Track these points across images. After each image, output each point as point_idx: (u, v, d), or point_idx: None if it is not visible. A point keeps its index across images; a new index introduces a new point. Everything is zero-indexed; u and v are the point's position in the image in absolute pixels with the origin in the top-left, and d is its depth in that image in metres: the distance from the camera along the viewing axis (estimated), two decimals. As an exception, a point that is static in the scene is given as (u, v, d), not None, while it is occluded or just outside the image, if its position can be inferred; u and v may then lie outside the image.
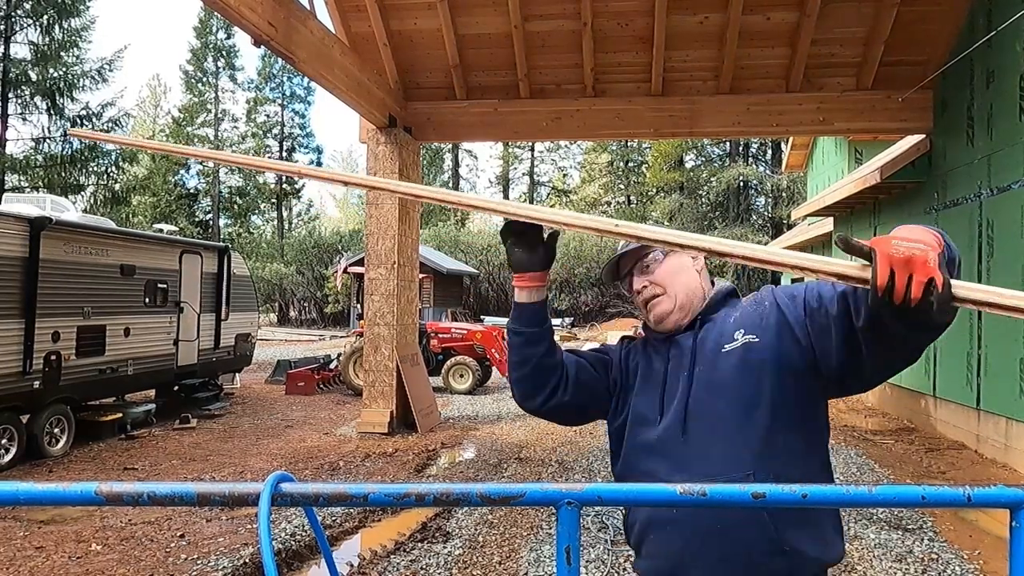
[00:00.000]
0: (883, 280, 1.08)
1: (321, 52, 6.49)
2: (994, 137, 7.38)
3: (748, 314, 1.61)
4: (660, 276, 1.67)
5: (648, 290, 1.67)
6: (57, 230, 7.58)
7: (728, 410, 1.51)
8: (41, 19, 23.13)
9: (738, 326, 1.60)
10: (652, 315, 1.67)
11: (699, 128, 8.63)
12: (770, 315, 1.57)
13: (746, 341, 1.55)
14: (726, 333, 1.60)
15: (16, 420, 7.13)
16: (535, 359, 1.64)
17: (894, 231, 1.15)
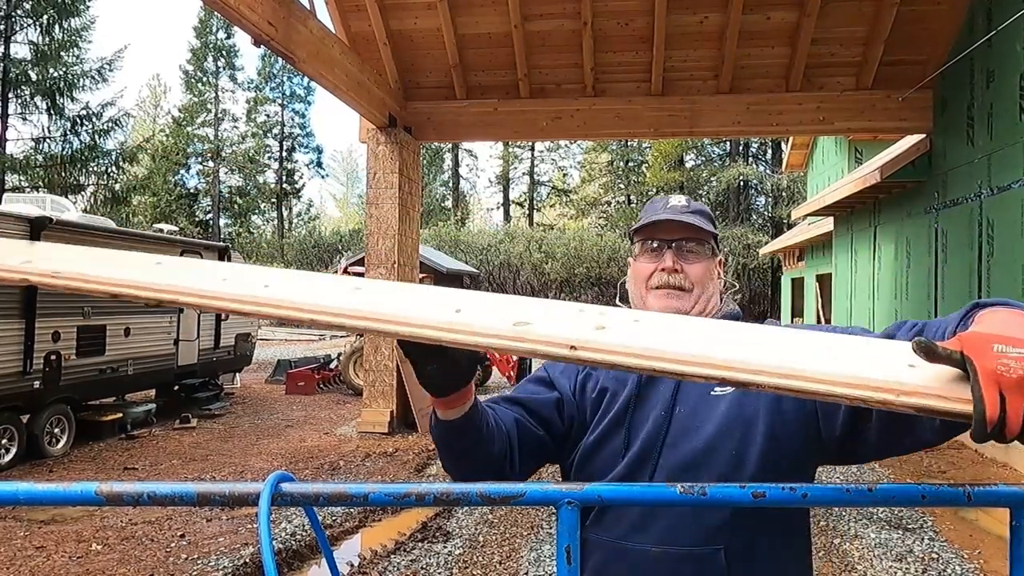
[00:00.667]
0: (993, 414, 0.77)
1: (321, 52, 6.48)
2: (994, 136, 7.37)
3: None
4: (695, 271, 1.42)
5: (676, 277, 1.39)
6: (57, 230, 7.58)
7: (705, 472, 1.25)
8: (41, 19, 23.13)
9: None
10: (661, 305, 1.39)
11: (699, 128, 8.63)
12: None
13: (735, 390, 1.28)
14: None
15: (16, 420, 7.13)
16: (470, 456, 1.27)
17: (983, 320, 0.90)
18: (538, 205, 46.07)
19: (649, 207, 1.51)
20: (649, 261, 1.44)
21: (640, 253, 1.47)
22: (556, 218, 44.79)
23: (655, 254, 1.43)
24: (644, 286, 1.43)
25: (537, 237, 32.99)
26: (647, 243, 1.45)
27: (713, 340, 0.87)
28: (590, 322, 0.91)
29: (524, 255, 31.08)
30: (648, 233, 1.45)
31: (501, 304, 0.96)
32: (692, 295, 1.40)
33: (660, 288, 1.40)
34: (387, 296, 0.98)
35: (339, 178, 60.69)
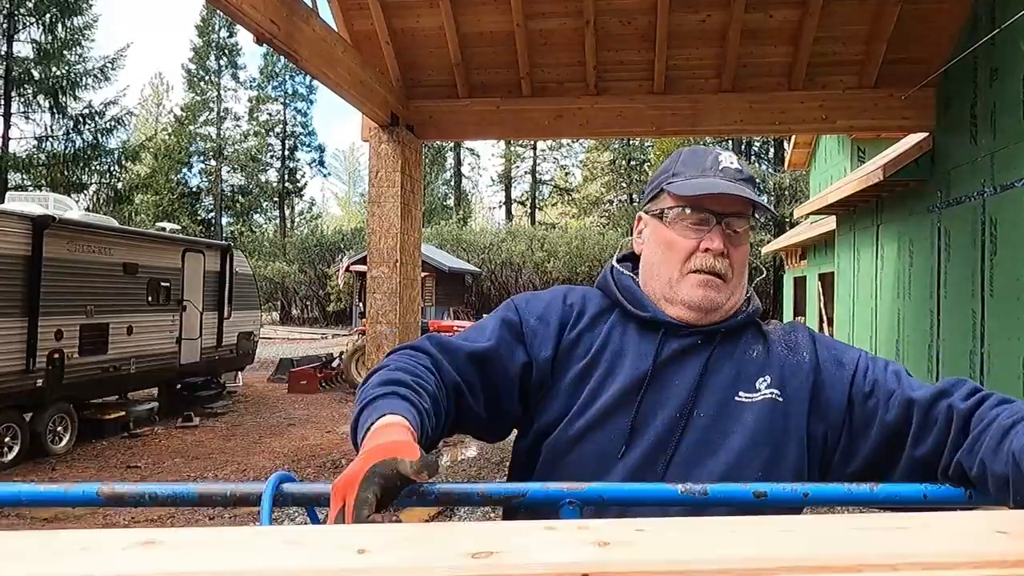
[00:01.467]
0: None
1: (323, 50, 6.48)
2: (997, 135, 7.35)
3: (778, 357, 1.16)
4: (739, 258, 1.20)
5: (721, 262, 1.15)
6: (60, 229, 7.59)
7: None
8: (44, 17, 23.18)
9: (762, 370, 1.14)
10: (700, 295, 1.14)
11: (702, 126, 8.61)
12: (805, 373, 1.14)
13: (769, 396, 1.12)
14: (745, 374, 1.13)
15: (19, 418, 7.15)
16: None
17: None
18: (540, 204, 46.07)
19: (691, 160, 1.21)
20: (689, 234, 1.16)
21: (677, 220, 1.17)
22: (558, 217, 44.77)
23: (698, 227, 1.16)
24: (679, 267, 1.16)
25: (539, 236, 32.98)
26: (691, 212, 1.16)
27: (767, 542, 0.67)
28: (588, 538, 0.67)
29: (526, 254, 31.08)
30: (695, 200, 1.15)
31: (438, 532, 0.69)
32: (730, 286, 1.17)
33: (700, 273, 1.15)
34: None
35: (341, 177, 60.77)
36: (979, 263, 7.69)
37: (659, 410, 1.10)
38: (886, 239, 10.78)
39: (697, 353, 1.14)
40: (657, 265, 1.20)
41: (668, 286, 1.17)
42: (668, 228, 1.18)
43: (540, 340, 1.17)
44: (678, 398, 1.11)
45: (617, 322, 1.19)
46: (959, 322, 8.13)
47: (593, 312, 1.21)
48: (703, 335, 1.16)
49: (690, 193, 1.15)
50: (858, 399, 1.11)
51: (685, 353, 1.14)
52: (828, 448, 1.11)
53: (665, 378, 1.12)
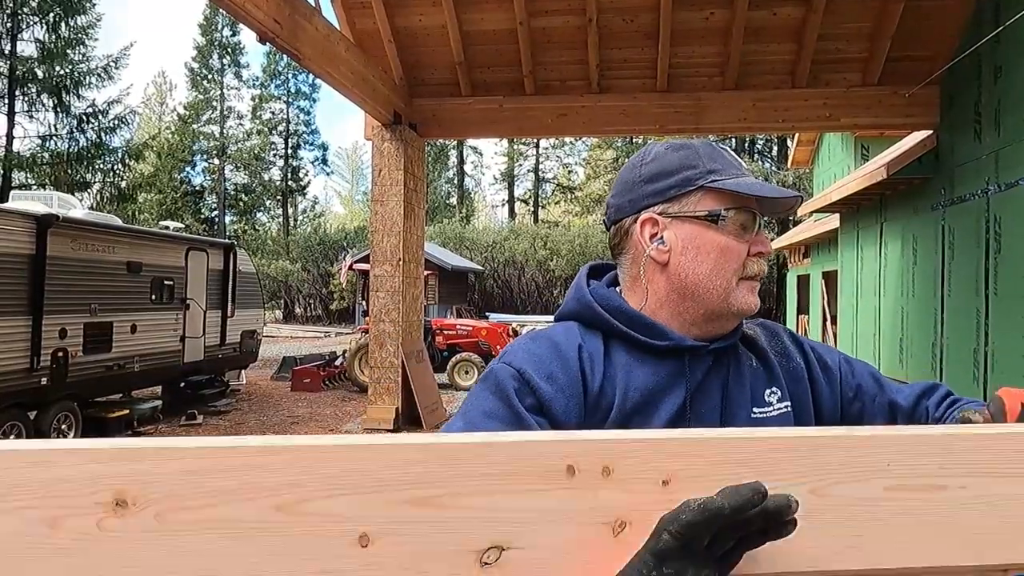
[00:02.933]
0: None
1: (326, 49, 6.49)
2: (1002, 133, 7.33)
3: (777, 366, 1.12)
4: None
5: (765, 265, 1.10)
6: (64, 227, 7.61)
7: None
8: (47, 17, 23.21)
9: (768, 383, 1.10)
10: (753, 302, 1.07)
11: (705, 124, 8.60)
12: (803, 379, 1.12)
13: (784, 411, 1.08)
14: (754, 389, 1.09)
15: (23, 417, 7.17)
16: None
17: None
18: (543, 202, 46.06)
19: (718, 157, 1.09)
20: (741, 238, 1.06)
21: (732, 223, 1.05)
22: (561, 215, 44.75)
23: (746, 229, 1.06)
24: (735, 274, 1.05)
25: (542, 234, 32.96)
26: (744, 214, 1.05)
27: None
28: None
29: (529, 252, 31.07)
30: (744, 201, 1.05)
31: None
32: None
33: (754, 279, 1.07)
34: None
35: (344, 175, 60.80)
36: (983, 261, 7.67)
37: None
38: (890, 237, 10.75)
39: (717, 374, 1.06)
40: (705, 275, 1.05)
41: (722, 297, 1.05)
42: (720, 232, 1.04)
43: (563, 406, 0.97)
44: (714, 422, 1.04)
45: (624, 356, 1.04)
46: (963, 320, 8.11)
47: (593, 350, 1.04)
48: (715, 354, 1.07)
49: (755, 194, 1.03)
50: (845, 403, 1.10)
51: (708, 377, 1.06)
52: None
53: (696, 412, 1.03)
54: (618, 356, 1.04)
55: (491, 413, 0.94)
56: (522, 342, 1.05)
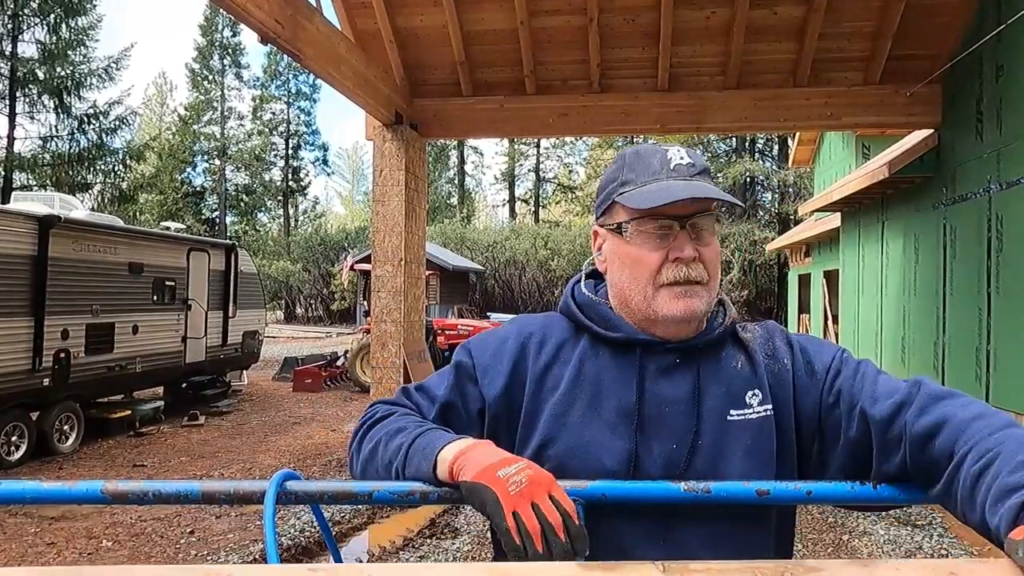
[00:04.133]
0: None
1: (327, 49, 6.49)
2: (1003, 131, 7.32)
3: (763, 367, 1.09)
4: (711, 257, 1.09)
5: (695, 268, 1.06)
6: (66, 228, 7.62)
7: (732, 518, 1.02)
8: (48, 18, 23.23)
9: (750, 383, 1.08)
10: (681, 307, 1.05)
11: (706, 123, 8.59)
12: (789, 381, 1.09)
13: (764, 414, 1.06)
14: (734, 389, 1.07)
15: (26, 417, 7.18)
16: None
17: None
18: (544, 202, 46.05)
19: (637, 165, 1.10)
20: (654, 247, 1.06)
21: (636, 234, 1.07)
22: (562, 215, 44.73)
23: (661, 237, 1.06)
24: (652, 282, 1.06)
25: (543, 234, 32.96)
26: (651, 222, 1.06)
27: None
28: None
29: (530, 252, 31.07)
30: (657, 208, 1.04)
31: None
32: (707, 290, 1.07)
33: (676, 285, 1.05)
34: None
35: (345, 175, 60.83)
36: (985, 260, 7.66)
37: (654, 443, 1.04)
38: (891, 236, 10.75)
39: (682, 373, 1.07)
40: (627, 284, 1.09)
41: (645, 305, 1.07)
42: (630, 245, 1.08)
43: (491, 377, 1.11)
44: (675, 428, 1.04)
45: (588, 348, 1.11)
46: (965, 320, 8.10)
47: (558, 340, 1.14)
48: (681, 352, 1.08)
49: (646, 205, 1.04)
50: (825, 410, 1.06)
51: (669, 374, 1.07)
52: (805, 456, 1.07)
53: (655, 406, 1.05)
54: (585, 346, 1.12)
55: (442, 372, 1.18)
56: (498, 328, 1.21)
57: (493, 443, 0.97)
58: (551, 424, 1.07)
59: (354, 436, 1.12)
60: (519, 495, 0.85)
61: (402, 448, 1.00)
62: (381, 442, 1.04)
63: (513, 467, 0.88)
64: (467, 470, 0.90)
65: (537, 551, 0.82)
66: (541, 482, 0.87)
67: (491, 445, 0.96)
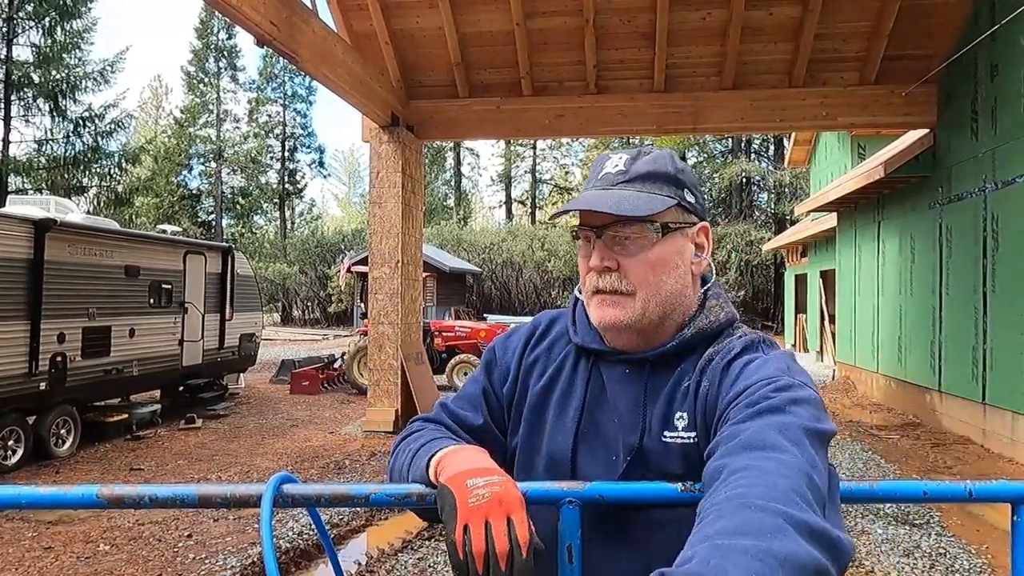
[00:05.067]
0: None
1: (323, 51, 6.48)
2: (998, 131, 7.34)
3: (693, 391, 1.02)
4: (636, 267, 1.04)
5: (608, 278, 1.05)
6: (61, 232, 7.59)
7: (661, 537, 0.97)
8: (43, 21, 23.18)
9: (683, 403, 1.02)
10: (597, 315, 1.06)
11: (703, 124, 8.61)
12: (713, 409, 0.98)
13: (687, 441, 1.00)
14: (670, 410, 1.02)
15: (22, 421, 7.15)
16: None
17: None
18: (540, 203, 46.03)
19: (591, 172, 1.12)
20: (584, 255, 1.08)
21: (582, 241, 1.09)
22: (559, 216, 44.62)
23: (588, 244, 1.08)
24: (588, 290, 1.08)
25: (540, 235, 32.95)
26: (580, 231, 1.08)
27: None
28: None
29: (527, 253, 31.06)
30: (584, 216, 1.07)
31: None
32: (636, 300, 1.03)
33: (596, 294, 1.06)
34: None
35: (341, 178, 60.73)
36: (981, 259, 7.68)
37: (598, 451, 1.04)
38: (887, 235, 10.76)
39: (630, 384, 1.05)
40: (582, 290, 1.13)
41: (589, 311, 1.09)
42: (580, 250, 1.10)
43: (506, 373, 1.18)
44: (616, 440, 1.03)
45: (571, 351, 1.15)
46: (961, 318, 8.12)
47: (555, 335, 1.18)
48: (632, 362, 1.07)
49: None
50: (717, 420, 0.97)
51: (617, 384, 1.06)
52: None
53: (601, 412, 1.06)
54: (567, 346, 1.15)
55: (473, 376, 1.22)
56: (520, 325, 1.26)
57: (487, 452, 0.96)
58: (530, 418, 1.12)
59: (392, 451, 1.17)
60: (475, 509, 0.82)
61: (412, 453, 1.04)
62: (402, 452, 1.09)
63: (483, 479, 0.85)
64: (444, 472, 0.91)
65: (477, 573, 0.79)
66: (503, 501, 0.83)
67: (479, 452, 0.95)
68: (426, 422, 1.17)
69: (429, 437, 1.07)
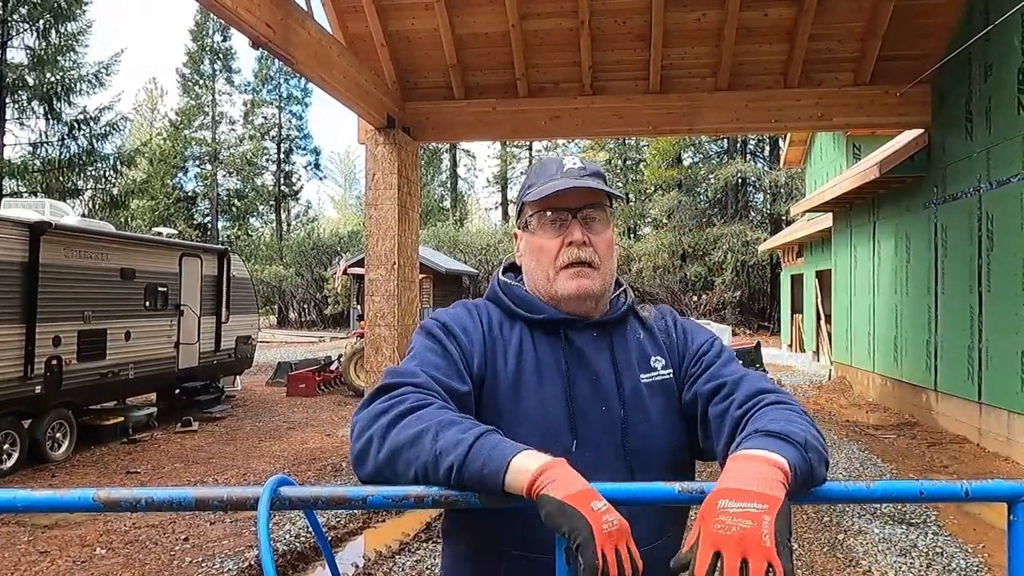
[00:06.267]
0: (702, 568, 0.84)
1: (319, 53, 6.48)
2: (993, 131, 7.37)
3: (661, 338, 1.34)
4: (602, 244, 1.29)
5: (585, 251, 1.26)
6: (57, 234, 7.57)
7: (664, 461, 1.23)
8: (37, 23, 23.11)
9: (653, 351, 1.32)
10: (574, 286, 1.25)
11: (698, 125, 8.61)
12: (675, 352, 1.33)
13: (666, 377, 1.29)
14: (640, 357, 1.30)
15: (18, 425, 7.13)
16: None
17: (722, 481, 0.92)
18: (537, 204, 46.00)
19: (539, 171, 1.34)
20: (552, 235, 1.28)
21: (539, 226, 1.30)
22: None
23: (558, 227, 1.28)
24: (552, 266, 1.27)
25: (536, 236, 32.95)
26: (547, 214, 1.28)
27: None
28: None
29: (524, 254, 31.06)
30: (548, 203, 1.28)
31: None
32: (600, 272, 1.27)
33: (570, 267, 1.26)
34: None
35: (337, 179, 60.68)
36: (976, 259, 7.70)
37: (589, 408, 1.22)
38: (883, 236, 10.79)
39: (600, 345, 1.27)
40: (534, 271, 1.31)
41: (548, 286, 1.28)
42: (535, 235, 1.30)
43: (471, 353, 1.25)
44: (603, 392, 1.23)
45: (525, 330, 1.29)
46: (957, 318, 8.14)
47: (498, 321, 1.31)
48: (597, 326, 1.29)
49: (541, 197, 1.27)
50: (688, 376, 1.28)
51: (589, 346, 1.27)
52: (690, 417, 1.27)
53: (583, 372, 1.24)
54: (522, 329, 1.29)
55: (428, 347, 1.24)
56: (446, 308, 1.36)
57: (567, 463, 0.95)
58: (509, 396, 1.21)
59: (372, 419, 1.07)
60: (610, 535, 0.87)
61: (461, 444, 0.97)
62: (428, 432, 1.00)
63: (603, 504, 0.90)
64: (556, 488, 0.89)
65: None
66: (624, 530, 0.89)
67: (568, 466, 0.94)
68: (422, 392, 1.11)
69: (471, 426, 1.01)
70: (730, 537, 0.84)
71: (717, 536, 0.84)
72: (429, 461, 0.98)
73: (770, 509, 0.85)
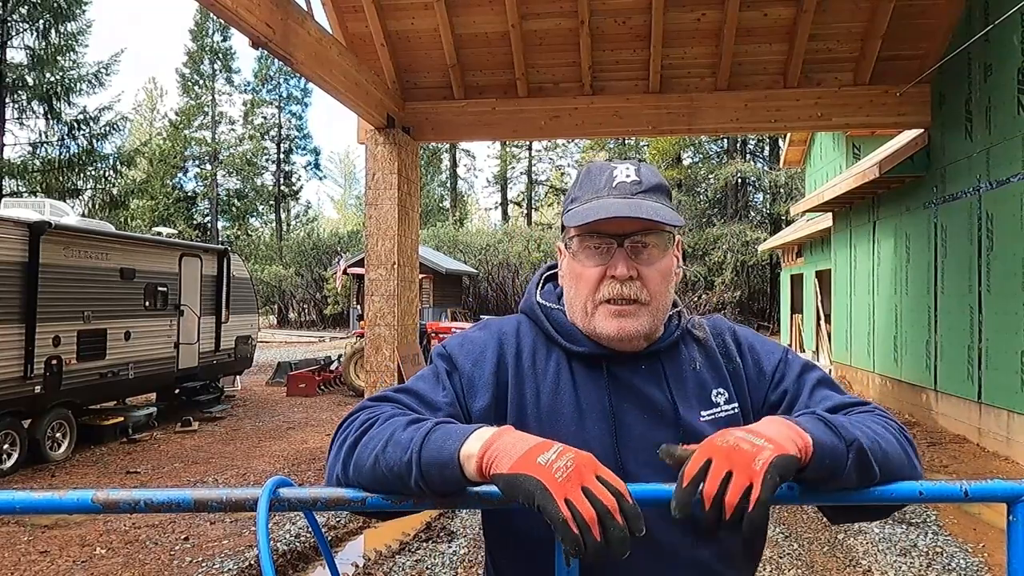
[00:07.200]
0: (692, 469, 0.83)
1: (319, 53, 6.48)
2: (992, 131, 7.37)
3: (723, 368, 1.14)
4: (654, 278, 1.08)
5: (631, 287, 1.06)
6: (57, 234, 7.57)
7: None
8: (37, 23, 23.10)
9: (714, 383, 1.12)
10: (614, 327, 1.07)
11: (698, 125, 8.62)
12: (742, 379, 1.14)
13: (731, 412, 1.11)
14: (700, 391, 1.11)
15: (18, 425, 7.13)
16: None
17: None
18: (536, 204, 46.09)
19: (585, 183, 1.13)
20: (593, 263, 1.08)
21: (580, 249, 1.10)
22: (554, 217, 44.74)
23: (602, 253, 1.08)
24: (591, 299, 1.09)
25: (536, 236, 33.00)
26: (589, 238, 1.08)
27: None
28: None
29: (523, 254, 31.08)
30: (591, 226, 1.07)
31: None
32: (648, 310, 1.08)
33: (611, 303, 1.07)
34: None
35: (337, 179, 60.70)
36: (976, 258, 7.70)
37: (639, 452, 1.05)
38: (883, 235, 10.79)
39: (650, 381, 1.09)
40: (573, 299, 1.13)
41: (586, 320, 1.10)
42: (575, 260, 1.11)
43: (475, 388, 1.11)
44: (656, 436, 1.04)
45: (562, 360, 1.13)
46: (957, 317, 8.14)
47: (531, 347, 1.15)
48: (645, 358, 1.11)
49: (577, 223, 1.07)
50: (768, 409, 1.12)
51: (638, 384, 1.09)
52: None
53: (634, 412, 1.07)
54: (559, 359, 1.13)
55: (422, 376, 1.14)
56: (459, 333, 1.20)
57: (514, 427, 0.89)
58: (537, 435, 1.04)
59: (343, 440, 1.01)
60: (567, 480, 0.79)
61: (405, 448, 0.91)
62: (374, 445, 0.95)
63: (552, 451, 0.82)
64: (500, 461, 0.83)
65: (595, 541, 0.77)
66: (585, 463, 0.81)
67: (515, 431, 0.88)
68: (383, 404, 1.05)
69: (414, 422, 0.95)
70: (724, 448, 0.83)
71: (714, 445, 0.84)
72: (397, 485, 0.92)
73: (774, 450, 0.83)
